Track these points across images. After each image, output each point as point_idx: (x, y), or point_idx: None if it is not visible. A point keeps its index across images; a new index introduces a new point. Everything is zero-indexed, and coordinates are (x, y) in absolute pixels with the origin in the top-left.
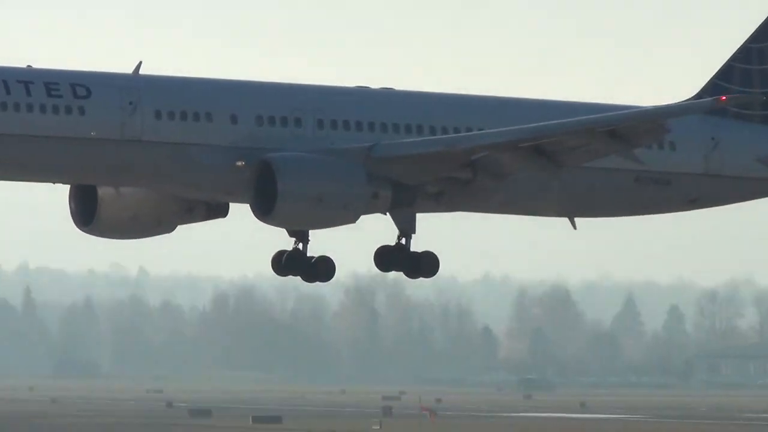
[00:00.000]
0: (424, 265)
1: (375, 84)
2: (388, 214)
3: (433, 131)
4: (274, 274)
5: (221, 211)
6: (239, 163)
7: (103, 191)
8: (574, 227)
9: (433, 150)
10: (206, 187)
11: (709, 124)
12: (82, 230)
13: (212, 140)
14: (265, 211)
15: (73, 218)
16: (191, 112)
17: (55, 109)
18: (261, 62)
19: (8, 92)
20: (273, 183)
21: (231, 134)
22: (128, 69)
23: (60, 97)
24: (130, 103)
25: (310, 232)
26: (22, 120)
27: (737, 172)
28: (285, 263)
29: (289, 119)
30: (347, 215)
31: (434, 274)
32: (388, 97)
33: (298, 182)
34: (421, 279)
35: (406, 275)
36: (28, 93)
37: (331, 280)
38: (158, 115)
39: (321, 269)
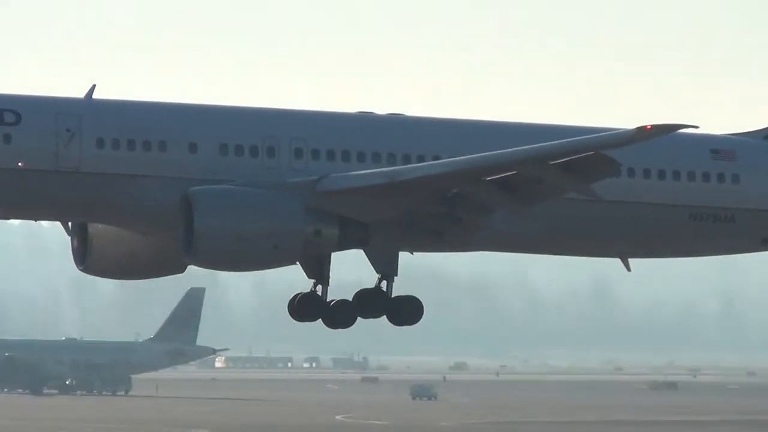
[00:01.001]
0: (405, 311)
1: (382, 109)
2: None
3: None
4: None
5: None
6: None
7: (94, 226)
8: (628, 269)
9: (372, 183)
10: (158, 224)
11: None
12: (80, 269)
13: (167, 170)
14: (186, 251)
15: (73, 256)
16: (140, 141)
17: None
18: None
19: None
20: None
21: (189, 165)
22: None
23: None
24: (68, 130)
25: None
26: None
27: None
28: (297, 307)
29: (260, 148)
30: (281, 256)
31: (416, 322)
32: (386, 123)
33: (217, 219)
34: None
35: (392, 321)
36: None
37: None
38: (101, 143)
39: (339, 315)
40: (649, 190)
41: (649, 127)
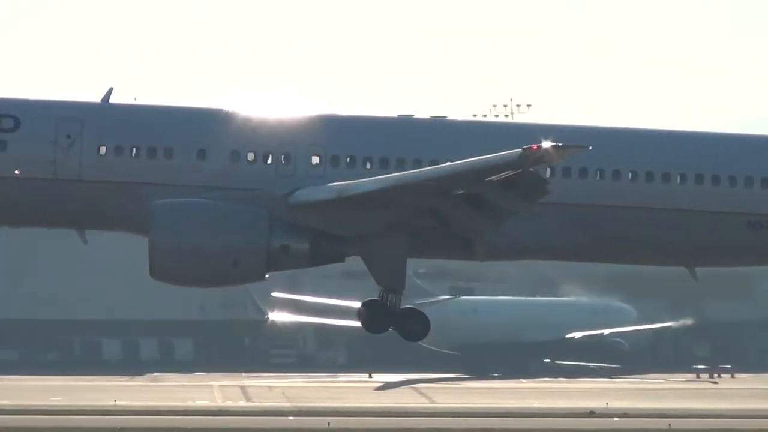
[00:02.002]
0: (411, 326)
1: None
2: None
3: None
4: None
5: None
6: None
7: None
8: (695, 278)
9: (323, 198)
10: None
11: None
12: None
13: (175, 179)
14: (149, 266)
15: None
16: (143, 147)
17: None
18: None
19: None
20: None
21: (197, 173)
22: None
23: None
24: (68, 137)
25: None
26: None
27: None
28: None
29: (273, 155)
30: (243, 273)
31: (425, 336)
32: (416, 127)
33: (174, 235)
34: None
35: (402, 335)
36: None
37: None
38: (101, 150)
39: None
40: (701, 196)
41: (534, 147)
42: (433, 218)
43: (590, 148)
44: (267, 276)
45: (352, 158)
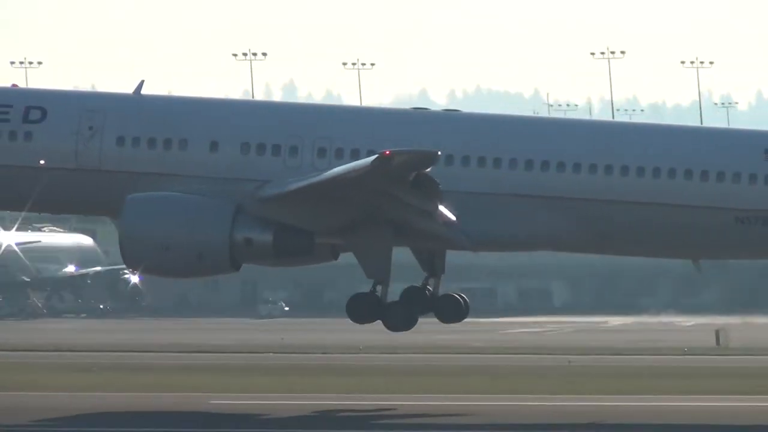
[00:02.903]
0: (400, 316)
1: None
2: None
3: (466, 161)
4: None
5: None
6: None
7: None
8: (698, 270)
9: (277, 192)
10: None
11: None
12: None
13: (189, 170)
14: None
15: None
16: (161, 139)
17: None
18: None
19: None
20: None
21: (209, 164)
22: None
23: (6, 121)
24: (90, 128)
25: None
26: None
27: None
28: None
29: (282, 147)
30: (207, 265)
31: (412, 327)
32: (426, 119)
33: (140, 228)
34: None
35: (387, 326)
36: None
37: None
38: (121, 141)
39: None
40: (690, 192)
41: (387, 153)
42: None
43: (439, 153)
44: (239, 268)
45: (355, 151)
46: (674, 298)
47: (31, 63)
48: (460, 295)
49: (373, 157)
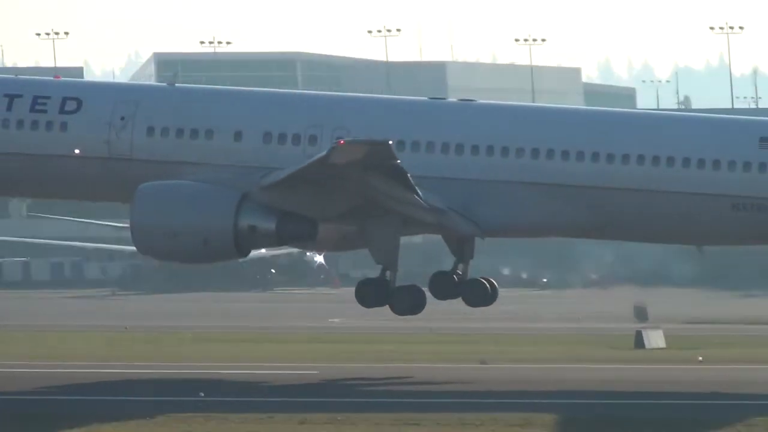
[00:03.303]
0: (406, 301)
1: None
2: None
3: (491, 150)
4: None
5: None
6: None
7: None
8: (701, 252)
9: (274, 180)
10: None
11: None
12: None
13: (211, 159)
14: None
15: None
16: (188, 129)
17: (33, 126)
18: None
19: None
20: None
21: (235, 153)
22: None
23: (44, 111)
24: (122, 119)
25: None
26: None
27: None
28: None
29: (302, 137)
30: (214, 251)
31: (420, 311)
32: (442, 109)
33: (150, 216)
34: None
35: (393, 311)
36: (9, 108)
37: None
38: (151, 132)
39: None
40: (688, 179)
41: (342, 141)
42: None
43: (390, 142)
44: (248, 253)
45: None
46: None
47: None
48: (488, 280)
49: (323, 154)
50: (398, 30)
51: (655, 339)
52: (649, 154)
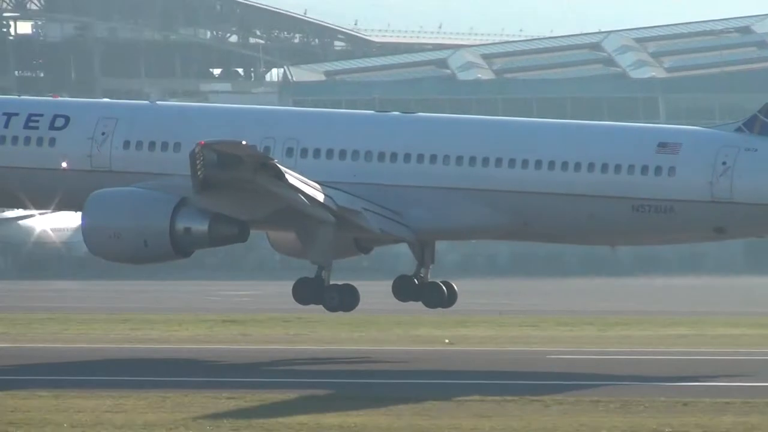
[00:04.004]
0: (336, 299)
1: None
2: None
3: (420, 159)
4: None
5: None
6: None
7: None
8: (614, 252)
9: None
10: None
11: (733, 147)
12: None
13: (179, 170)
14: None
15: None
16: (159, 142)
17: (26, 141)
18: None
19: None
20: None
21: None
22: None
23: (36, 128)
24: (103, 134)
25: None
26: None
27: (753, 199)
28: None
29: (257, 148)
30: (154, 251)
31: (353, 309)
32: (381, 121)
33: (97, 219)
34: None
35: (325, 308)
36: (6, 125)
37: None
38: (127, 145)
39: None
40: (593, 183)
41: (202, 143)
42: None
43: (244, 142)
44: (188, 254)
45: (318, 151)
46: None
47: None
48: (447, 283)
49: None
50: None
51: None
52: (559, 160)
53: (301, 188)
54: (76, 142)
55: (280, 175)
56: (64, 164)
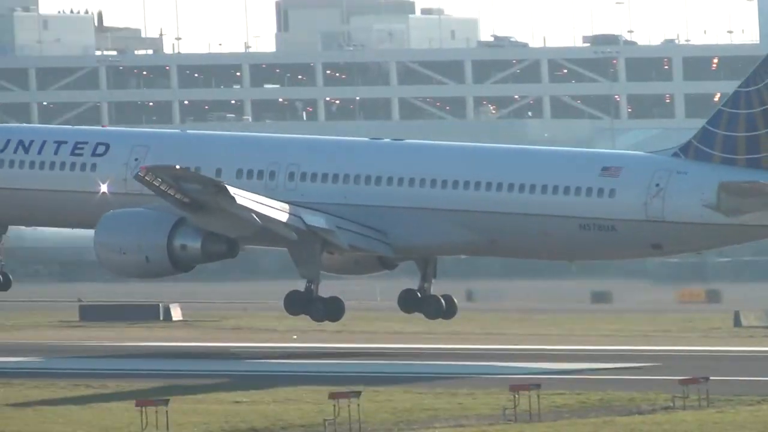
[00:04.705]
0: (322, 311)
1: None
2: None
3: (400, 182)
4: None
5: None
6: None
7: None
8: (572, 266)
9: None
10: None
11: (667, 170)
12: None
13: None
14: None
15: None
16: (182, 167)
17: (72, 167)
18: None
19: (39, 152)
20: None
21: None
22: None
23: (81, 155)
24: (136, 160)
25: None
26: (45, 177)
27: (681, 218)
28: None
29: (264, 172)
30: (155, 266)
31: (339, 319)
32: (370, 148)
33: (106, 236)
34: None
35: (312, 318)
36: (56, 152)
37: None
38: None
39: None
40: (545, 204)
41: (143, 168)
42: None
43: (177, 167)
44: (188, 269)
45: (315, 175)
46: None
47: None
48: (446, 297)
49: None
50: None
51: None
52: (517, 182)
53: (254, 208)
54: (113, 167)
55: (231, 198)
56: (103, 187)
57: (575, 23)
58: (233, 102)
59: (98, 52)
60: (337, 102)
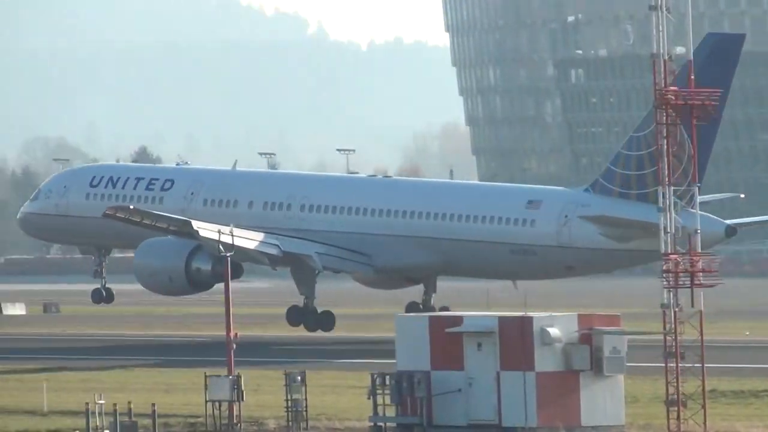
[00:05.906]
0: (313, 322)
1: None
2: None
3: (396, 214)
4: None
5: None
6: None
7: None
8: (516, 287)
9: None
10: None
11: (575, 203)
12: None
13: (238, 221)
14: None
15: None
16: (224, 200)
17: (145, 199)
18: None
19: (123, 187)
20: None
21: (248, 217)
22: None
23: (152, 189)
24: (192, 194)
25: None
26: None
27: (584, 244)
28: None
29: (283, 204)
30: (177, 286)
31: (330, 330)
32: (370, 184)
33: (141, 260)
34: None
35: (306, 329)
36: (135, 187)
37: None
38: (205, 202)
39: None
40: (481, 231)
41: (109, 208)
42: None
43: (131, 206)
44: (207, 288)
45: (319, 207)
46: None
47: None
48: (445, 309)
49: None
50: None
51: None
52: (463, 213)
53: (216, 239)
54: (175, 200)
55: (194, 231)
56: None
57: None
58: None
59: None
60: None
